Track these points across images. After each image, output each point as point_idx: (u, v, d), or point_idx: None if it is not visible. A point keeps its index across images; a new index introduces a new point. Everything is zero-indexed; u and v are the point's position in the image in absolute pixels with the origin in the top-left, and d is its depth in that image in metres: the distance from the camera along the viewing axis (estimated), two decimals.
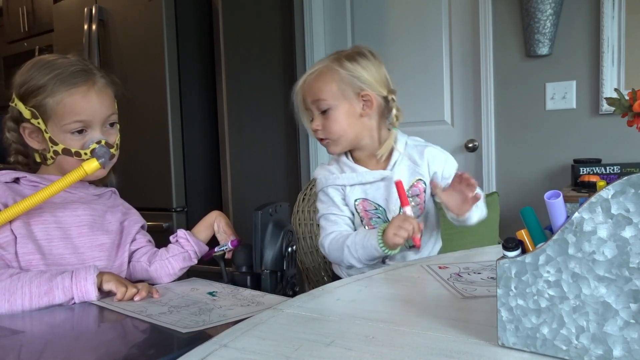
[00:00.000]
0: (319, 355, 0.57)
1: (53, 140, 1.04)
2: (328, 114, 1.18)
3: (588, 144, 2.16)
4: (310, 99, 1.19)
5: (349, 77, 1.18)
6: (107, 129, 1.09)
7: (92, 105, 1.05)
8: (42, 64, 1.06)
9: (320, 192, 1.25)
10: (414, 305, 0.76)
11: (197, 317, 0.83)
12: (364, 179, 1.20)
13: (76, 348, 0.77)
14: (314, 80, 1.19)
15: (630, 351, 0.49)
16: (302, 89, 1.21)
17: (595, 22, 2.11)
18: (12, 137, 1.09)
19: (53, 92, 1.03)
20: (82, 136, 1.05)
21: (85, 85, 1.05)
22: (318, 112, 1.19)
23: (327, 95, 1.17)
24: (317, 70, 1.20)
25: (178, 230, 1.22)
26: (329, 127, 1.18)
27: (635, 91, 1.03)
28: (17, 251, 0.98)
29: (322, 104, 1.18)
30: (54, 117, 1.03)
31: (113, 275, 0.98)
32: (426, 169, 1.23)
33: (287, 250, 1.12)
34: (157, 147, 2.85)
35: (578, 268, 0.51)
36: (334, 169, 1.25)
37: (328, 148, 1.22)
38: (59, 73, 1.04)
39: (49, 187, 0.98)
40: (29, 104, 1.04)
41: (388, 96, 1.23)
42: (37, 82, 1.03)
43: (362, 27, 2.69)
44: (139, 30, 2.87)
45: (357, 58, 1.21)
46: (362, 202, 1.21)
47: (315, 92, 1.19)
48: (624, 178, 0.49)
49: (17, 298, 0.91)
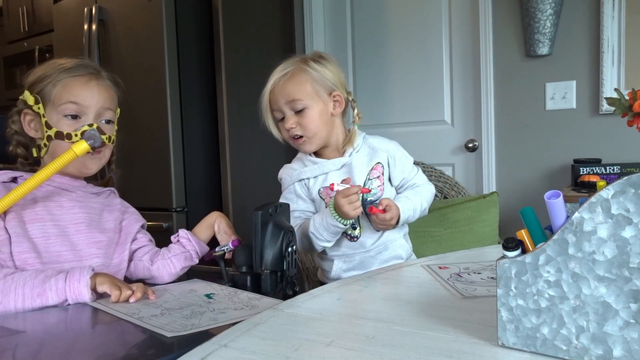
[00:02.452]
0: (319, 355, 0.57)
1: (48, 125, 1.07)
2: (303, 113, 1.23)
3: (588, 144, 2.16)
4: (283, 100, 1.23)
5: (320, 77, 1.24)
6: (102, 124, 1.11)
7: (90, 93, 1.09)
8: (54, 61, 1.12)
9: (286, 190, 1.31)
10: (414, 305, 0.76)
11: (187, 320, 0.83)
12: (326, 169, 1.28)
13: (55, 350, 0.77)
14: (287, 82, 1.23)
15: (630, 351, 0.49)
16: (273, 92, 1.25)
17: (595, 22, 2.11)
18: (16, 127, 1.12)
19: (57, 78, 1.08)
20: (75, 122, 1.08)
21: (88, 75, 1.10)
22: (292, 112, 1.24)
23: (303, 95, 1.22)
24: (289, 72, 1.24)
25: (179, 230, 1.22)
26: (306, 125, 1.23)
27: (635, 91, 1.03)
28: (12, 250, 0.98)
29: (298, 104, 1.23)
30: (53, 99, 1.07)
31: (107, 277, 0.97)
32: (385, 155, 1.31)
33: (287, 250, 1.12)
34: (157, 147, 2.85)
35: (578, 268, 0.51)
36: (297, 166, 1.32)
37: (303, 146, 1.27)
38: (66, 64, 1.10)
39: (41, 172, 0.98)
40: (34, 91, 1.09)
41: (348, 97, 1.31)
42: (46, 72, 1.09)
43: (362, 27, 2.69)
44: (139, 30, 2.87)
45: (322, 61, 1.27)
46: (324, 189, 1.28)
47: (290, 93, 1.22)
48: (624, 178, 0.49)
49: (10, 300, 0.91)
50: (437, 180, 1.87)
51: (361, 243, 1.28)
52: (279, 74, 1.25)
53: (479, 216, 1.73)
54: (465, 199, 1.79)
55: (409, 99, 2.58)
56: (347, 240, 1.28)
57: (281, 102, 1.23)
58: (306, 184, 1.29)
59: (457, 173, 2.48)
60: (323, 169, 1.28)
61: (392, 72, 2.61)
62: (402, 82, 2.59)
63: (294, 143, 1.27)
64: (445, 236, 1.72)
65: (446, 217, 1.71)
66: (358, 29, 2.71)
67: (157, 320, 0.83)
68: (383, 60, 2.63)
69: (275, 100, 1.24)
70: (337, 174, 1.27)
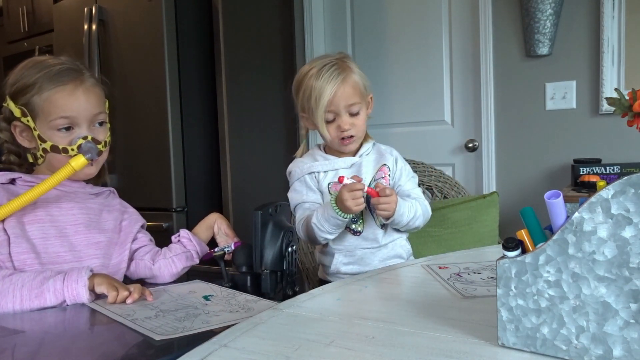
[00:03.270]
0: (319, 355, 0.57)
1: (41, 138, 1.06)
2: (357, 115, 1.28)
3: (588, 144, 2.16)
4: (344, 103, 1.26)
5: (363, 81, 1.31)
6: (95, 127, 1.10)
7: (78, 103, 1.07)
8: (32, 64, 1.08)
9: (296, 181, 1.34)
10: (414, 305, 0.76)
11: (179, 323, 0.83)
12: (337, 165, 1.32)
13: (54, 350, 0.77)
14: (347, 86, 1.26)
15: (630, 351, 0.49)
16: (335, 95, 1.26)
17: (595, 22, 2.11)
18: (5, 136, 1.11)
19: (41, 90, 1.05)
20: (69, 133, 1.07)
21: (72, 83, 1.07)
22: (347, 115, 1.27)
23: (359, 98, 1.28)
24: (342, 77, 1.26)
25: (180, 230, 1.22)
26: (359, 126, 1.29)
27: (635, 91, 1.03)
28: (10, 251, 0.98)
29: (355, 107, 1.27)
30: (42, 114, 1.05)
31: (105, 278, 0.97)
32: (392, 160, 1.35)
33: (287, 250, 1.12)
34: (157, 147, 2.85)
35: (578, 268, 0.51)
36: (307, 160, 1.35)
37: (350, 146, 1.31)
38: (47, 72, 1.06)
39: (39, 186, 0.98)
40: (19, 103, 1.06)
41: None
42: (27, 81, 1.06)
43: (362, 27, 2.69)
44: (139, 30, 2.87)
45: (355, 64, 1.33)
46: (334, 184, 1.31)
47: (350, 96, 1.26)
48: (624, 178, 0.48)
49: (8, 302, 0.91)
50: (437, 180, 1.87)
51: (364, 237, 1.29)
52: (337, 78, 1.26)
53: (479, 216, 1.73)
54: (465, 199, 1.79)
55: (409, 99, 2.58)
56: (350, 234, 1.30)
57: (341, 106, 1.26)
58: (316, 177, 1.32)
59: (457, 173, 2.48)
60: (333, 165, 1.32)
61: (392, 72, 2.61)
62: (402, 82, 2.59)
63: (341, 143, 1.29)
64: (445, 236, 1.72)
65: (446, 217, 1.71)
66: (358, 29, 2.71)
67: (149, 322, 0.83)
68: (383, 61, 2.63)
69: (334, 103, 1.26)
70: (346, 172, 1.30)
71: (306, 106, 1.28)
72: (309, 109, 1.27)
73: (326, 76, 1.26)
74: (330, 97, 1.25)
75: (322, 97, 1.25)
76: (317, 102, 1.25)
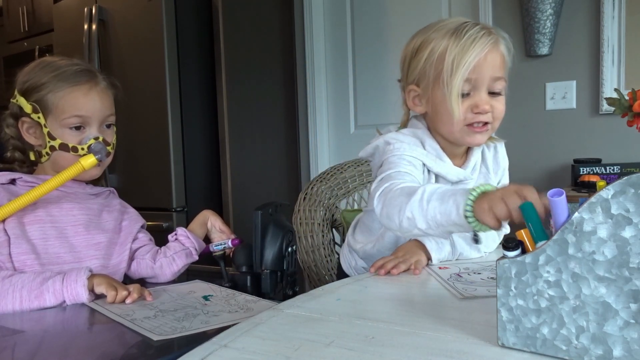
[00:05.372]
0: (319, 355, 0.57)
1: (51, 135, 1.06)
2: (498, 97, 1.00)
3: (588, 144, 2.16)
4: (490, 73, 0.96)
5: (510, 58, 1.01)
6: (104, 129, 1.11)
7: (93, 103, 1.08)
8: (45, 64, 1.09)
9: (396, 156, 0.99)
10: (414, 305, 0.76)
11: (178, 323, 0.83)
12: (441, 173, 1.04)
13: (54, 349, 0.77)
14: (497, 54, 0.97)
15: (630, 351, 0.49)
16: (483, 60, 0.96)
17: (595, 22, 2.11)
18: (11, 132, 1.11)
19: (56, 88, 1.06)
20: (79, 132, 1.08)
21: (88, 84, 1.08)
22: (486, 92, 0.98)
23: (505, 75, 0.99)
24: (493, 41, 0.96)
25: (177, 228, 1.22)
26: (500, 111, 1.00)
27: (635, 91, 1.04)
28: (10, 252, 0.98)
29: (499, 84, 0.98)
30: (55, 111, 1.06)
31: (105, 278, 0.97)
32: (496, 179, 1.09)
33: (287, 250, 1.12)
34: (157, 147, 2.85)
35: (578, 268, 0.51)
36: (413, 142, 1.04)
37: (480, 137, 1.01)
38: (64, 72, 1.08)
39: (47, 182, 0.99)
40: (31, 99, 1.07)
41: None
42: (41, 79, 1.07)
43: (362, 27, 2.69)
44: (139, 30, 2.87)
45: None
46: None
47: (499, 67, 0.98)
48: (624, 178, 0.48)
49: (8, 303, 0.91)
50: None
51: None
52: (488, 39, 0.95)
53: None
54: None
55: None
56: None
57: (486, 76, 0.96)
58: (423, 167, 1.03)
59: None
60: (439, 170, 1.03)
61: (392, 72, 2.61)
62: None
63: (470, 130, 0.99)
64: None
65: None
66: (358, 29, 2.71)
67: (148, 322, 0.83)
68: (383, 61, 2.63)
69: (477, 71, 0.95)
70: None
71: (430, 73, 0.99)
72: (434, 77, 0.98)
73: (472, 33, 0.95)
74: (475, 61, 0.94)
75: (465, 58, 0.94)
76: (455, 66, 0.94)
